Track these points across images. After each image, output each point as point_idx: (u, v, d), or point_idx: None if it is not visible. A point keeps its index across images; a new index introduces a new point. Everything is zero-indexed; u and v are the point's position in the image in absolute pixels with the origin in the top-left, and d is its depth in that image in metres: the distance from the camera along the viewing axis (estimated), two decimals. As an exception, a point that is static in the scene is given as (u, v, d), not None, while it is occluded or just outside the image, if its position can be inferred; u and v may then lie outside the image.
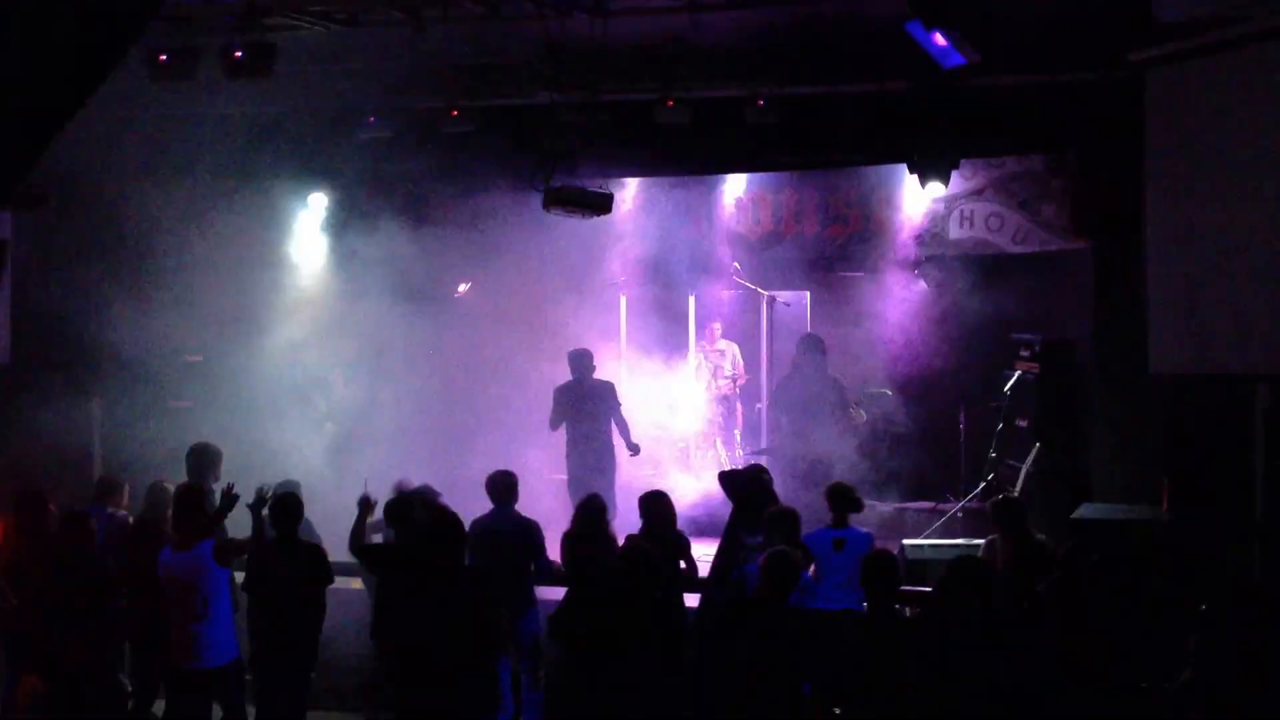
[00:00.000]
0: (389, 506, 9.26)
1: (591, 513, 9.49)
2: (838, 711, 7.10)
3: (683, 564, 9.53)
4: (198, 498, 8.84)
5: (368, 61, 12.20)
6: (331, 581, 9.05)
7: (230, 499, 8.53)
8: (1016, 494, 11.70)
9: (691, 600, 9.60)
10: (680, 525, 9.76)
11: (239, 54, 10.94)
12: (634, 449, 12.81)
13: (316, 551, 9.01)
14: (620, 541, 9.33)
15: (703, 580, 9.62)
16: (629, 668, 7.31)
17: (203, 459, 10.41)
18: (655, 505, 9.45)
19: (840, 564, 8.97)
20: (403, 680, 8.26)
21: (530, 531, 9.74)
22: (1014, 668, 7.13)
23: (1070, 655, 7.36)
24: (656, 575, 7.04)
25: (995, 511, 9.26)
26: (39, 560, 8.94)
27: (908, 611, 8.86)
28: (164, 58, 11.19)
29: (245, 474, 9.34)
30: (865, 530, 9.41)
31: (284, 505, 8.79)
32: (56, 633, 8.62)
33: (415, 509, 9.02)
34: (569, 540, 9.54)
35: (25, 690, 8.82)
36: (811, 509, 9.72)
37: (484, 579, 8.10)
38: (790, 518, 8.78)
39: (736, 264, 14.82)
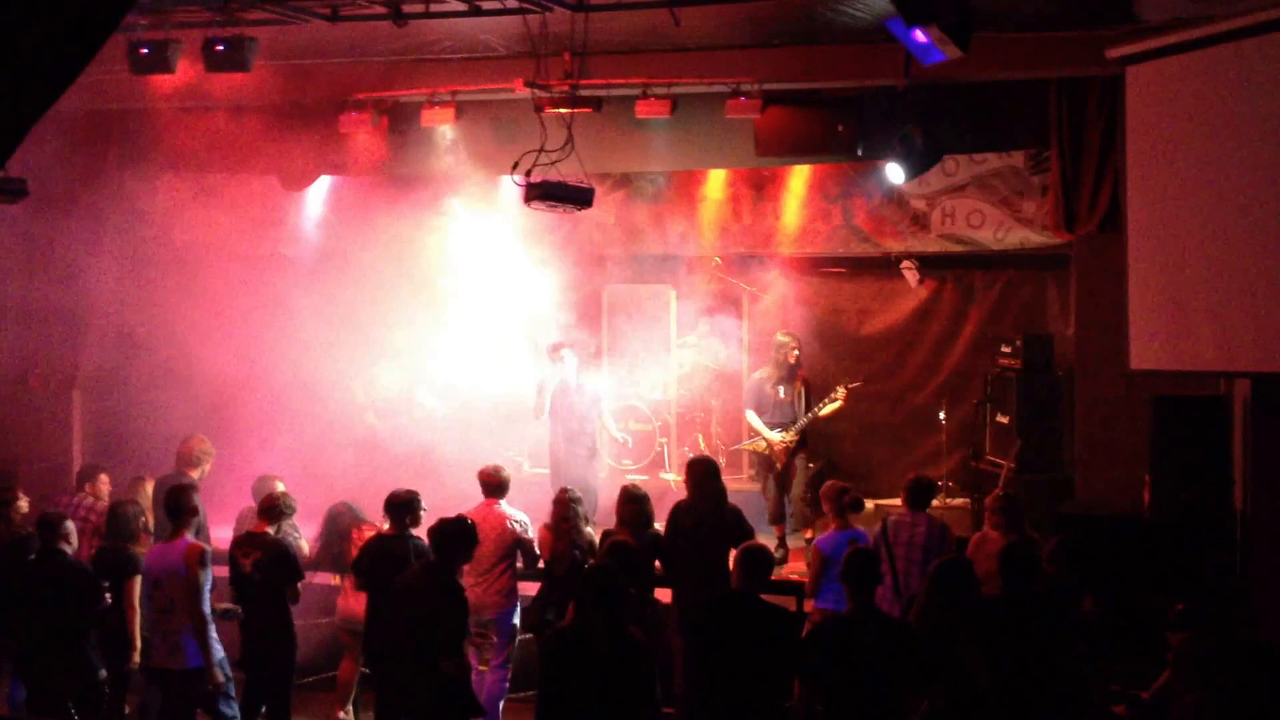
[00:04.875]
0: (389, 503, 9.27)
1: (565, 505, 9.51)
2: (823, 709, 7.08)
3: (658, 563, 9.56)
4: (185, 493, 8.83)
5: (348, 55, 12.16)
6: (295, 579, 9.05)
7: None
8: (999, 490, 11.71)
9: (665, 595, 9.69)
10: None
11: (219, 47, 10.91)
12: (622, 439, 12.88)
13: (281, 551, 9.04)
14: (598, 536, 9.39)
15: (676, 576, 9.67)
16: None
17: (191, 453, 10.43)
18: (632, 503, 9.45)
19: None
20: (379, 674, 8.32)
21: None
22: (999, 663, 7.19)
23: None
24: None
25: (998, 509, 9.25)
26: (6, 557, 8.89)
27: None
28: (144, 50, 11.15)
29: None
30: (861, 530, 9.48)
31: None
32: (33, 634, 8.54)
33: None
34: (544, 533, 9.62)
35: None
36: None
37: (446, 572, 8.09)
38: None
39: (717, 259, 14.82)
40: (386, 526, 9.23)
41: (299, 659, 9.13)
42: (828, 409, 12.58)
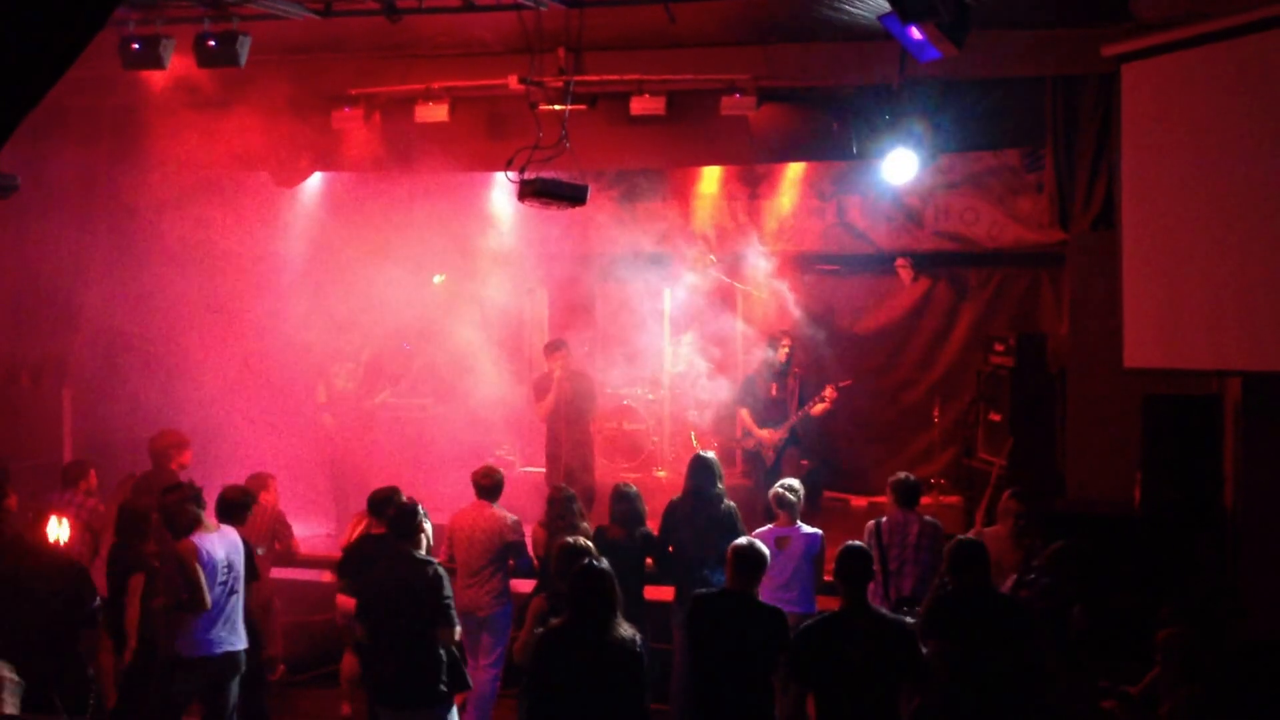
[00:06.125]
0: (372, 499, 9.22)
1: (559, 503, 9.49)
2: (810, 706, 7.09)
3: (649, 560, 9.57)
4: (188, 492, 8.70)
5: (341, 50, 12.13)
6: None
7: None
8: (990, 488, 11.72)
9: (665, 594, 9.66)
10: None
11: (211, 43, 10.88)
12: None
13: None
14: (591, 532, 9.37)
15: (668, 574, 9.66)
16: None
17: (164, 448, 10.40)
18: (623, 501, 9.45)
19: (779, 564, 9.00)
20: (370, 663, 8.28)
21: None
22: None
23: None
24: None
25: (1023, 512, 9.23)
26: None
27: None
28: (135, 46, 11.11)
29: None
30: (812, 530, 9.44)
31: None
32: (19, 629, 8.46)
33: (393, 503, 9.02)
34: (539, 531, 9.61)
35: None
36: None
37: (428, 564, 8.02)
38: None
39: (712, 256, 14.81)
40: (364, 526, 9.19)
41: (294, 656, 9.07)
42: (816, 408, 12.58)
